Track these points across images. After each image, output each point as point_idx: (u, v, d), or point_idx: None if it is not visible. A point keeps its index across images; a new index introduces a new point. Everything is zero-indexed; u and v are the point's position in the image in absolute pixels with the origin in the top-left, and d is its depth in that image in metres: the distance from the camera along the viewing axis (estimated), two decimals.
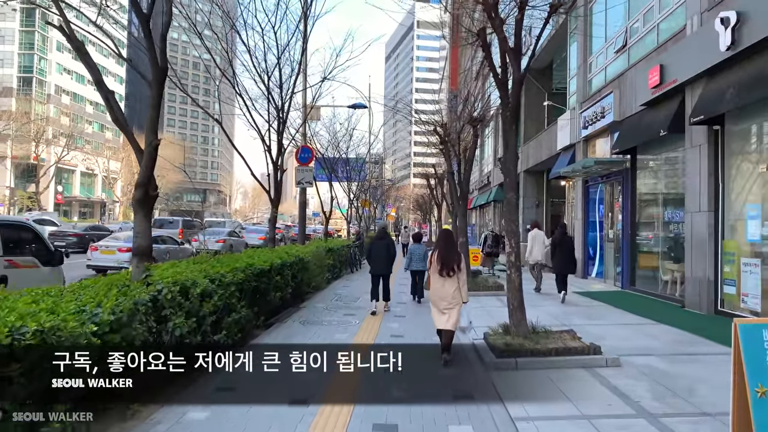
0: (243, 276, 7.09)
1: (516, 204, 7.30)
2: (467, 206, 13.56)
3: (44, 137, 63.42)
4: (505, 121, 6.94)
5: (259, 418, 4.49)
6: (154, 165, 5.62)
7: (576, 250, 16.67)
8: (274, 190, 11.01)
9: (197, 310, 5.67)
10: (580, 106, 16.41)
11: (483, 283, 12.75)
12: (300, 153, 14.66)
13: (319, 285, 13.40)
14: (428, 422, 4.56)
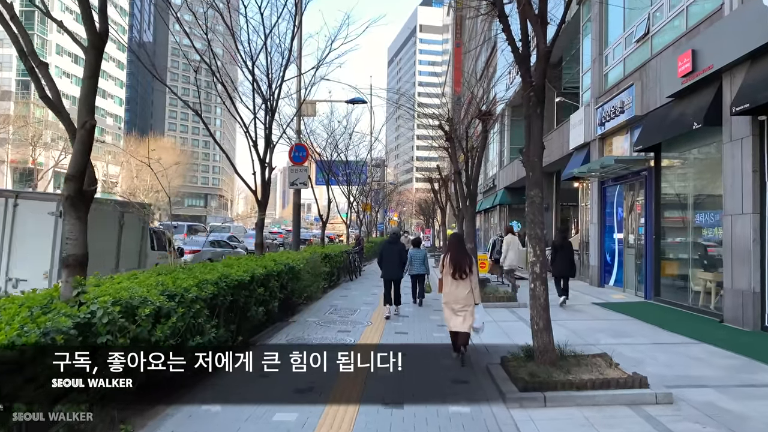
0: (214, 290, 5.95)
1: (541, 204, 6.17)
2: (474, 209, 12.41)
3: (41, 141, 62.57)
4: (529, 105, 5.82)
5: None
6: (89, 152, 4.52)
7: (591, 257, 15.50)
8: (262, 191, 9.88)
9: (147, 335, 4.54)
10: (596, 102, 15.27)
11: (493, 293, 11.59)
12: (293, 151, 13.55)
13: (314, 295, 12.27)
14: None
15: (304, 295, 11.11)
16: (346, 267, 17.05)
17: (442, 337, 8.12)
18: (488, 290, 11.79)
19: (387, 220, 54.12)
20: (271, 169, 10.07)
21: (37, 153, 60.96)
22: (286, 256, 10.62)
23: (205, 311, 5.70)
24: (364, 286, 15.46)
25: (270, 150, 10.13)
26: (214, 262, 7.81)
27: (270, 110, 9.64)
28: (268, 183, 9.97)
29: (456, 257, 6.63)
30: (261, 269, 7.93)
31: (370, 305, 11.56)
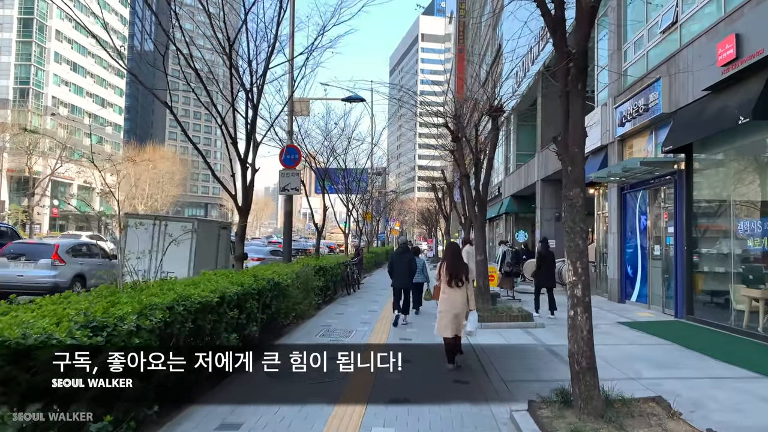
0: (165, 316, 4.68)
1: (582, 207, 4.92)
2: (484, 217, 11.13)
3: (37, 150, 61.63)
4: (568, 79, 4.59)
5: None
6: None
7: (610, 269, 14.21)
8: (243, 195, 8.64)
9: (48, 385, 3.27)
10: (614, 101, 14.04)
11: (506, 312, 10.28)
12: (284, 154, 12.32)
13: (305, 313, 10.98)
14: None
15: (292, 315, 9.83)
16: (344, 280, 15.76)
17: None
18: (500, 308, 10.48)
19: (389, 230, 52.85)
20: (254, 170, 8.83)
21: (33, 161, 59.89)
22: (271, 271, 9.34)
23: (155, 343, 4.44)
24: (362, 301, 14.17)
25: (253, 149, 8.91)
26: (173, 280, 6.53)
27: (252, 103, 8.42)
28: (250, 187, 8.73)
29: (452, 266, 6.88)
30: (235, 287, 6.65)
31: (368, 324, 10.26)
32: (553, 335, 9.15)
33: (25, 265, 12.65)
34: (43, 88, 76.03)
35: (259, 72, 8.37)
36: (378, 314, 11.81)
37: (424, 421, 4.81)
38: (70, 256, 13.23)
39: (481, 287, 10.65)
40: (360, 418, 4.83)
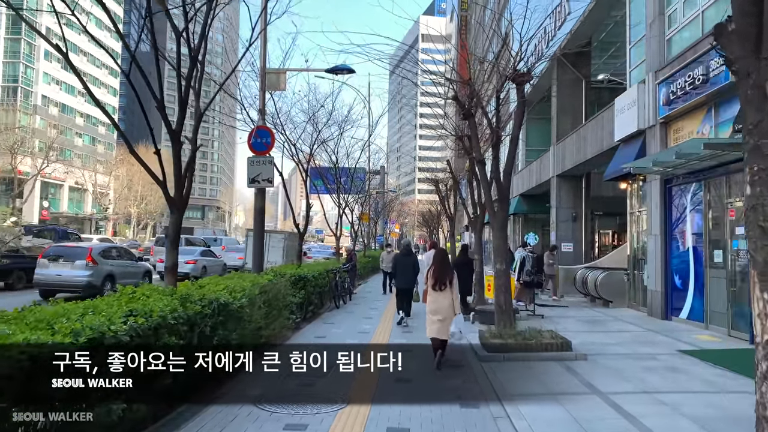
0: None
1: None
2: (505, 214, 8.67)
3: (23, 149, 59.26)
4: None
5: None
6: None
7: (651, 278, 11.79)
8: (176, 181, 6.25)
9: None
10: (655, 77, 11.66)
11: (535, 338, 7.84)
12: (254, 137, 9.94)
13: (276, 336, 8.61)
14: None
15: (257, 342, 7.44)
16: (332, 290, 13.35)
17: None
18: (527, 333, 8.03)
19: (388, 232, 50.43)
20: (194, 147, 6.44)
21: (18, 160, 57.48)
22: (224, 285, 6.95)
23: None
24: (352, 318, 11.76)
25: (196, 120, 6.53)
26: (41, 306, 4.16)
27: (190, 48, 6.02)
28: (187, 171, 6.32)
29: (438, 270, 7.20)
30: (138, 319, 4.27)
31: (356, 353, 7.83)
32: (612, 377, 6.71)
33: (63, 266, 14.15)
34: (33, 87, 73.65)
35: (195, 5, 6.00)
36: (370, 336, 9.41)
37: None
38: (102, 258, 14.64)
39: (502, 305, 8.23)
40: None
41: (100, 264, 14.59)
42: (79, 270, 14.12)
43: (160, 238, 31.81)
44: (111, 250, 16.33)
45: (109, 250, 15.92)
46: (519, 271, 12.04)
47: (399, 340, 9.09)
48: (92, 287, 13.47)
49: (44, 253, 15.40)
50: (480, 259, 12.73)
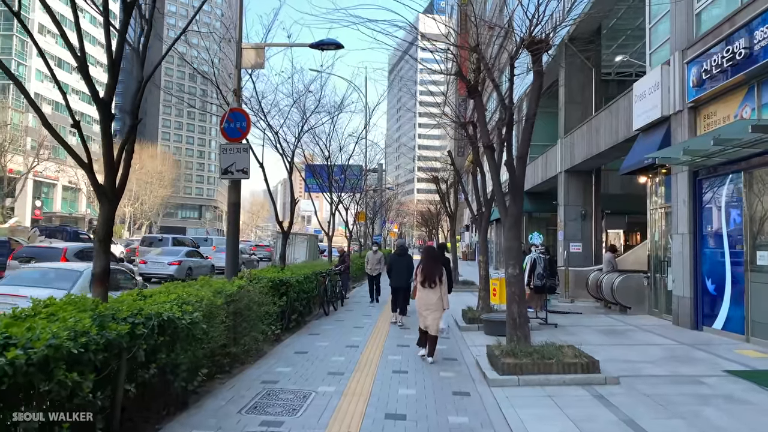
0: None
1: None
2: (519, 209, 7.27)
3: (14, 147, 57.85)
4: None
5: None
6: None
7: (678, 282, 10.47)
8: (105, 166, 4.93)
9: None
10: (683, 56, 10.36)
11: (555, 356, 6.51)
12: (227, 121, 8.63)
13: (248, 353, 7.30)
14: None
15: (204, 371, 6.15)
16: (321, 295, 12.03)
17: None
18: (545, 350, 6.70)
19: (386, 232, 49.11)
20: (134, 120, 5.11)
21: (8, 158, 56.07)
22: (176, 294, 5.64)
23: None
24: (342, 327, 10.46)
25: (139, 92, 5.21)
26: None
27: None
28: (121, 152, 4.99)
29: (427, 268, 7.55)
30: (11, 352, 2.96)
31: (339, 377, 6.53)
32: (658, 410, 5.39)
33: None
34: (25, 84, 72.11)
35: None
36: (360, 350, 8.10)
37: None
38: (77, 259, 13.57)
39: (515, 317, 6.92)
40: None
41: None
42: None
43: (146, 237, 30.52)
44: (89, 250, 15.32)
45: (86, 251, 14.90)
46: (530, 274, 10.72)
47: (393, 356, 7.77)
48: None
49: (15, 254, 14.65)
50: (485, 261, 11.42)
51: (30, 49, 72.31)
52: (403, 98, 75.87)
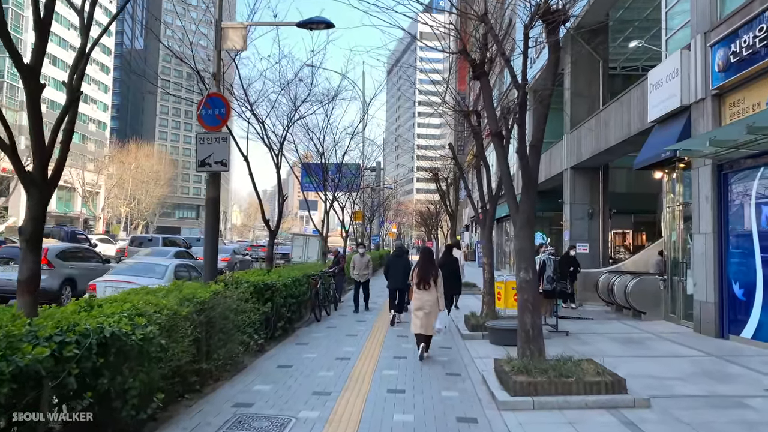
0: None
1: None
2: (532, 205, 6.33)
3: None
4: None
5: None
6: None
7: (699, 287, 9.61)
8: (33, 145, 4.06)
9: None
10: (706, 38, 9.50)
11: (574, 374, 5.64)
12: (204, 107, 7.76)
13: (224, 368, 6.43)
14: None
15: (161, 395, 5.29)
16: (314, 299, 11.15)
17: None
18: (563, 367, 5.83)
19: (384, 232, 48.23)
20: (73, 95, 4.24)
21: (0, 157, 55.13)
22: (131, 304, 4.77)
23: None
24: (334, 335, 9.58)
25: (81, 65, 4.34)
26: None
27: None
28: (57, 128, 4.11)
29: (422, 270, 7.68)
30: None
31: (325, 398, 5.66)
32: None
33: (15, 270, 11.99)
34: (19, 82, 71.10)
35: None
36: (352, 363, 7.23)
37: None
38: (60, 260, 13.28)
39: (528, 328, 6.04)
40: None
41: (58, 267, 13.25)
42: None
43: (135, 237, 29.62)
44: (72, 250, 14.79)
45: (69, 251, 14.44)
46: (538, 277, 9.84)
47: (388, 370, 6.90)
48: (48, 293, 12.10)
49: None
50: (489, 263, 10.56)
51: (24, 47, 71.26)
52: (402, 86, 74.56)
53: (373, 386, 6.11)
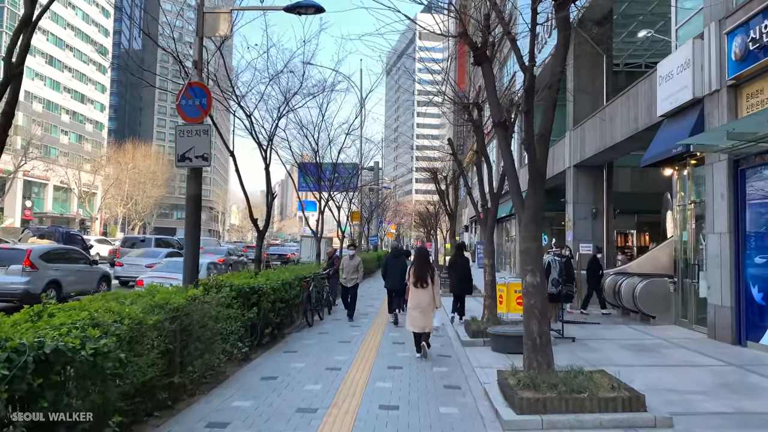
0: None
1: None
2: (540, 201, 5.76)
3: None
4: None
5: None
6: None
7: (714, 290, 9.05)
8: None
9: None
10: (721, 26, 8.95)
11: (587, 388, 5.07)
12: (184, 97, 7.19)
13: (202, 379, 5.86)
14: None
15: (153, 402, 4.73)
16: (306, 303, 10.57)
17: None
18: (575, 381, 5.26)
19: (383, 233, 47.67)
20: (14, 68, 3.71)
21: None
22: (89, 311, 4.20)
23: None
24: (326, 342, 9.01)
25: (24, 29, 3.78)
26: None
27: None
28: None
29: (418, 269, 7.83)
30: None
31: (314, 414, 5.09)
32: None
33: (5, 271, 12.25)
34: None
35: None
36: (343, 374, 6.66)
37: None
38: (44, 261, 12.82)
39: (535, 337, 5.47)
40: None
41: (42, 269, 12.67)
42: (14, 276, 12.11)
43: (128, 238, 29.02)
44: (57, 252, 14.22)
45: (54, 252, 13.87)
46: None
47: (382, 382, 6.33)
48: (30, 296, 11.59)
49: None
50: (491, 264, 9.99)
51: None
52: (401, 78, 73.81)
53: (365, 401, 5.54)
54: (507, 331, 8.05)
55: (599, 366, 6.65)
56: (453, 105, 10.53)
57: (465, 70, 31.94)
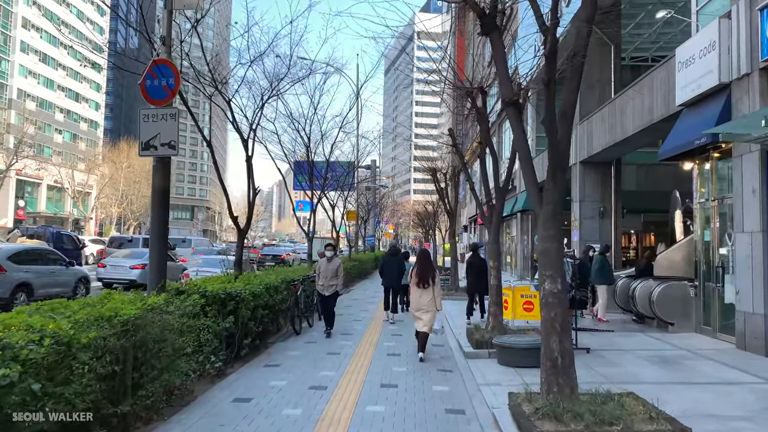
0: None
1: None
2: (560, 194, 4.91)
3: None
4: None
5: None
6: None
7: (740, 294, 8.16)
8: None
9: None
10: (752, 2, 8.06)
11: (620, 420, 4.17)
12: (149, 77, 6.27)
13: (158, 404, 4.97)
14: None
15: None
16: (293, 308, 9.66)
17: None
18: (599, 405, 4.35)
19: (381, 233, 46.76)
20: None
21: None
22: (4, 326, 3.30)
23: None
24: (313, 353, 8.11)
25: None
26: None
27: None
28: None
29: (421, 269, 7.96)
30: None
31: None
32: None
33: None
34: (8, 80, 69.59)
35: None
36: (328, 395, 5.75)
37: None
38: (12, 263, 12.22)
39: (555, 355, 4.57)
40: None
41: (10, 271, 12.04)
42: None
43: (114, 238, 28.07)
44: (28, 252, 13.55)
45: (24, 253, 13.20)
46: None
47: (373, 406, 5.42)
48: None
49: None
50: (497, 267, 9.10)
51: (13, 44, 69.58)
52: (400, 65, 72.54)
53: (352, 430, 4.64)
54: (515, 342, 7.16)
55: (621, 383, 5.80)
56: (454, 90, 9.61)
57: (464, 56, 30.97)
